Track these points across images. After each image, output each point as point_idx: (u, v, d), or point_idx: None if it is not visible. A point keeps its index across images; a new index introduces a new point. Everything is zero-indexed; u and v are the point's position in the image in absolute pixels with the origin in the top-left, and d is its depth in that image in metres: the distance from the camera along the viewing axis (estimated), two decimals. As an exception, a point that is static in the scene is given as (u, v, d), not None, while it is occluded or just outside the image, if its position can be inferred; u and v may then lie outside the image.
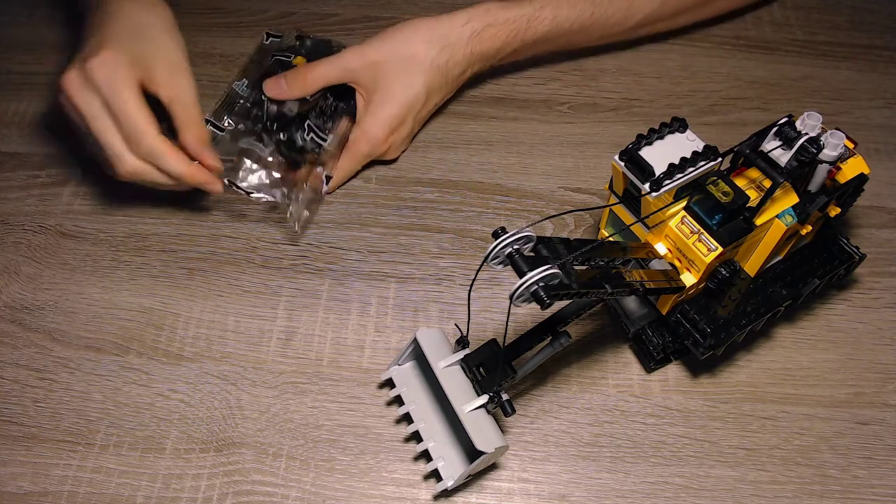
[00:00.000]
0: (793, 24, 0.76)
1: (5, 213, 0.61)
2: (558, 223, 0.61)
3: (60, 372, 0.53)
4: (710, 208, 0.43)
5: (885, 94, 0.71)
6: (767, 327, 0.54)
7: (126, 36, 0.51)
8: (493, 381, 0.44)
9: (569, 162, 0.65)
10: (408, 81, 0.59)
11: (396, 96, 0.59)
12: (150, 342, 0.54)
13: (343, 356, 0.54)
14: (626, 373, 0.53)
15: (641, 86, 0.71)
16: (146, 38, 0.52)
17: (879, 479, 0.49)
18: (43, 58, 0.72)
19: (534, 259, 0.37)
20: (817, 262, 0.51)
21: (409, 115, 0.61)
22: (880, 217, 0.62)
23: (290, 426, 0.51)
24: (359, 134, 0.60)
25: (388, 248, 0.59)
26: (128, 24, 0.52)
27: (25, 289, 0.57)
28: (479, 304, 0.56)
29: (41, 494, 0.48)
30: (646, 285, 0.42)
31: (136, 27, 0.52)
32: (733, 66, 0.72)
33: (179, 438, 0.50)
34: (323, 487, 0.48)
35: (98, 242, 0.59)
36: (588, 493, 0.48)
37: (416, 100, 0.60)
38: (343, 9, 0.77)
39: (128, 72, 0.49)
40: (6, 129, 0.67)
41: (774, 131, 0.44)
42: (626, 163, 0.44)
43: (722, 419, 0.51)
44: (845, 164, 0.47)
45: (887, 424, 0.51)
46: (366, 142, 0.60)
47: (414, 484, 0.49)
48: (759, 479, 0.49)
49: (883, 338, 0.55)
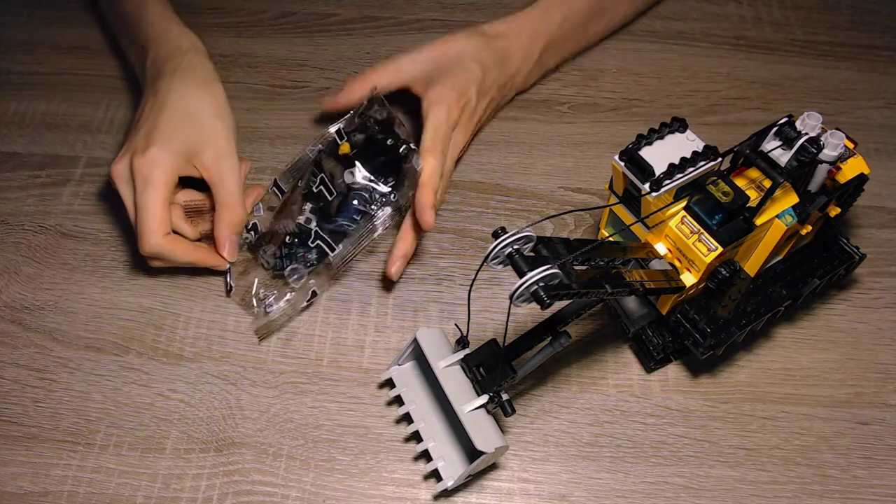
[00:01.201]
0: (793, 24, 0.76)
1: (5, 213, 0.61)
2: (558, 223, 0.61)
3: (60, 372, 0.53)
4: (710, 208, 0.43)
5: (885, 94, 0.71)
6: (767, 327, 0.54)
7: (176, 124, 0.54)
8: (493, 381, 0.44)
9: (569, 162, 0.65)
10: (462, 66, 0.60)
11: (453, 74, 0.59)
12: (150, 342, 0.54)
13: (343, 356, 0.54)
14: (626, 373, 0.53)
15: (641, 86, 0.71)
16: (195, 124, 0.55)
17: (879, 479, 0.49)
18: (43, 58, 0.72)
19: (534, 259, 0.37)
20: (817, 262, 0.51)
21: (470, 84, 0.59)
22: (880, 217, 0.62)
23: (290, 426, 0.51)
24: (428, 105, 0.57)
25: (388, 248, 0.59)
26: (179, 111, 0.55)
27: (25, 289, 0.57)
28: (479, 304, 0.56)
29: (41, 494, 0.48)
30: (646, 285, 0.42)
31: (186, 114, 0.55)
32: (733, 66, 0.72)
33: (179, 438, 0.50)
34: (323, 487, 0.48)
35: (98, 242, 0.59)
36: (588, 493, 0.48)
37: (473, 73, 0.60)
38: (343, 9, 0.77)
39: (167, 170, 0.52)
40: (6, 129, 0.67)
41: (774, 131, 0.44)
42: (626, 163, 0.44)
43: (722, 419, 0.51)
44: (845, 164, 0.47)
45: (887, 424, 0.51)
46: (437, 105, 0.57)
47: (414, 484, 0.49)
48: (759, 479, 0.49)
49: (883, 338, 0.55)
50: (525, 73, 0.66)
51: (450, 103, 0.57)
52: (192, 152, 0.54)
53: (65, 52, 0.73)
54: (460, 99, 0.58)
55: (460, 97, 0.58)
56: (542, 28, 0.66)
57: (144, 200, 0.52)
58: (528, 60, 0.65)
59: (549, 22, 0.66)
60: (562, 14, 0.66)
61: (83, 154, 0.65)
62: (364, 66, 0.72)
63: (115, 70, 0.71)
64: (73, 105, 0.68)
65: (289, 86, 0.70)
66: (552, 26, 0.66)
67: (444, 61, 0.60)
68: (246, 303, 0.55)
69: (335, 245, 0.54)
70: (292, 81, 0.71)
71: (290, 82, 0.71)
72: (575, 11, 0.67)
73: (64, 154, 0.65)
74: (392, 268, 0.55)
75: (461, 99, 0.58)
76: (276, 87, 0.70)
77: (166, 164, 0.52)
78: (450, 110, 0.57)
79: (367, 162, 0.55)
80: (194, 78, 0.57)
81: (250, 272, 0.56)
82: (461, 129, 0.59)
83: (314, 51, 0.73)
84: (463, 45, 0.61)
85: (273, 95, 0.70)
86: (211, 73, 0.58)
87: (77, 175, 0.63)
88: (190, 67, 0.58)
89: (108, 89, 0.70)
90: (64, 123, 0.67)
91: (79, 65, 0.72)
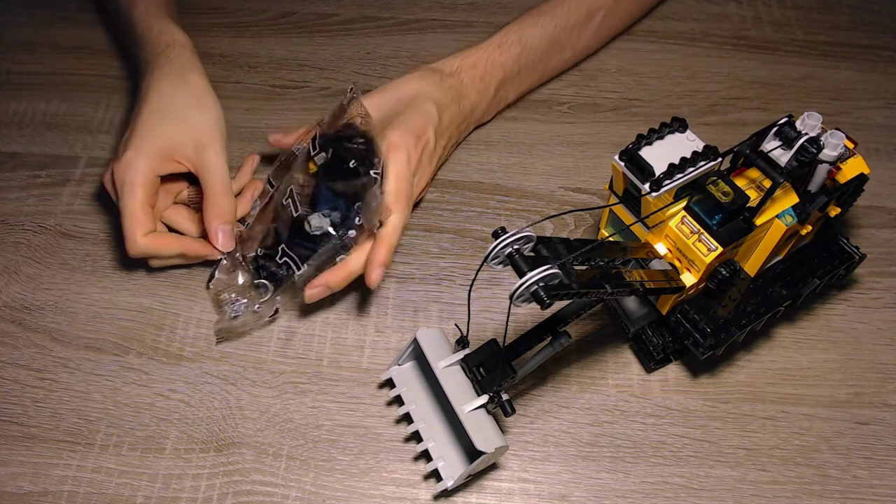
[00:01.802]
0: (793, 24, 0.76)
1: (5, 213, 0.61)
2: (558, 223, 0.61)
3: (60, 372, 0.53)
4: (710, 208, 0.43)
5: (885, 94, 0.71)
6: (767, 327, 0.54)
7: (153, 124, 0.54)
8: (493, 381, 0.44)
9: (569, 162, 0.65)
10: (418, 107, 0.58)
11: (410, 116, 0.57)
12: (150, 342, 0.54)
13: (343, 356, 0.54)
14: (626, 373, 0.53)
15: (641, 86, 0.71)
16: (173, 119, 0.55)
17: (879, 479, 0.49)
18: (43, 58, 0.72)
19: (534, 259, 0.37)
20: (817, 262, 0.51)
21: (427, 126, 0.57)
22: (880, 217, 0.62)
23: (290, 426, 0.51)
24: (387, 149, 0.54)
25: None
26: (156, 108, 0.55)
27: (25, 289, 0.57)
28: (479, 304, 0.56)
29: (41, 494, 0.48)
30: (646, 285, 0.42)
31: (163, 111, 0.55)
32: (733, 66, 0.72)
33: (179, 438, 0.50)
34: (323, 487, 0.48)
35: (98, 242, 0.59)
36: (588, 493, 0.48)
37: (429, 114, 0.58)
38: (343, 9, 0.77)
39: (143, 172, 0.53)
40: (6, 129, 0.67)
41: (774, 131, 0.44)
42: (626, 163, 0.44)
43: (722, 419, 0.51)
44: (845, 164, 0.47)
45: (887, 424, 0.51)
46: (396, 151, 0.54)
47: (414, 484, 0.49)
48: (759, 479, 0.49)
49: (883, 338, 0.55)
50: (483, 108, 0.65)
51: (409, 148, 0.54)
52: (172, 149, 0.54)
53: (65, 52, 0.73)
54: (418, 142, 0.56)
55: (418, 140, 0.56)
56: (498, 62, 0.64)
57: (123, 205, 0.53)
58: (484, 96, 0.64)
59: (504, 56, 0.64)
60: (519, 47, 0.65)
61: (83, 154, 0.65)
62: (364, 66, 0.72)
63: (115, 70, 0.71)
64: (73, 105, 0.69)
65: (289, 86, 0.70)
66: (508, 61, 0.64)
67: (399, 104, 0.58)
68: (217, 301, 0.55)
69: (301, 264, 0.53)
70: (292, 81, 0.71)
71: (290, 82, 0.71)
72: (531, 47, 0.65)
73: (64, 154, 0.65)
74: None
75: (419, 142, 0.56)
76: (276, 87, 0.70)
77: (142, 167, 0.52)
78: (409, 156, 0.54)
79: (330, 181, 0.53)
80: (169, 73, 0.56)
81: (234, 270, 0.55)
82: (422, 172, 0.57)
83: (314, 51, 0.73)
84: (416, 85, 0.59)
85: (273, 95, 0.70)
86: (188, 65, 0.57)
87: (77, 175, 0.63)
88: (167, 63, 0.57)
89: (108, 89, 0.70)
90: (64, 123, 0.67)
91: (79, 65, 0.72)
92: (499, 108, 0.68)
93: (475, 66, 0.63)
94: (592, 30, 0.70)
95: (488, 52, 0.64)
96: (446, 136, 0.60)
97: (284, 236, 0.54)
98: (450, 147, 0.63)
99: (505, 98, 0.67)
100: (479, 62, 0.63)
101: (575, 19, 0.68)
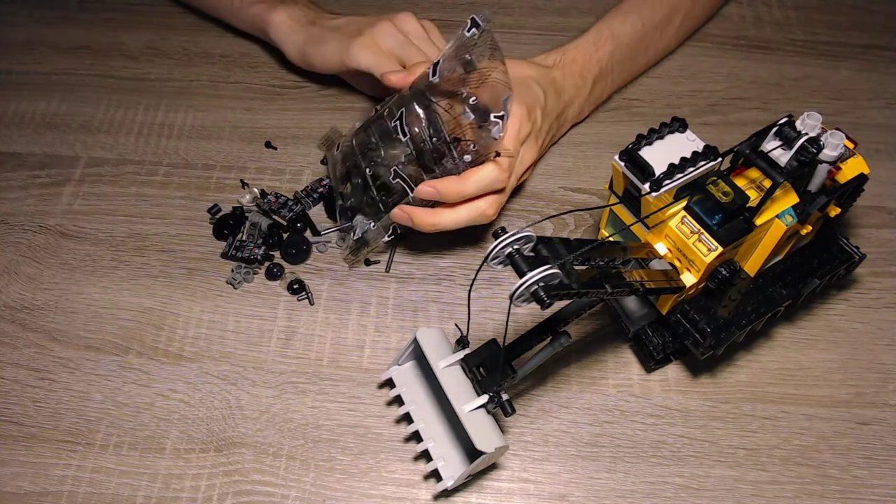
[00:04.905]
0: (793, 24, 0.76)
1: (5, 213, 0.61)
2: (558, 223, 0.61)
3: (60, 372, 0.53)
4: (710, 208, 0.43)
5: (885, 94, 0.71)
6: (767, 327, 0.54)
7: None
8: (493, 381, 0.44)
9: (569, 162, 0.65)
10: (526, 86, 0.58)
11: (520, 92, 0.57)
12: (150, 342, 0.54)
13: (343, 356, 0.54)
14: (626, 373, 0.53)
15: (641, 86, 0.71)
16: None
17: (879, 479, 0.49)
18: (43, 58, 0.72)
19: (534, 259, 0.37)
20: (817, 262, 0.51)
21: (536, 104, 0.58)
22: (880, 217, 0.62)
23: (290, 426, 0.51)
24: None
25: (392, 248, 0.59)
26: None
27: (25, 289, 0.57)
28: (479, 304, 0.56)
29: (41, 494, 0.48)
30: (646, 285, 0.42)
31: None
32: (733, 66, 0.72)
33: (179, 438, 0.50)
34: (323, 487, 0.48)
35: (98, 242, 0.59)
36: (588, 493, 0.48)
37: (537, 94, 0.58)
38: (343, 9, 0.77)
39: None
40: (6, 129, 0.67)
41: (774, 131, 0.44)
42: (626, 163, 0.44)
43: (722, 419, 0.51)
44: (845, 164, 0.47)
45: (887, 424, 0.51)
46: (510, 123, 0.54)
47: (414, 484, 0.49)
48: (759, 479, 0.49)
49: (883, 338, 0.55)
50: (578, 105, 0.65)
51: (521, 118, 0.55)
52: None
53: (65, 52, 0.73)
54: (530, 115, 0.57)
55: (530, 113, 0.56)
56: (594, 58, 0.64)
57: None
58: (581, 91, 0.64)
59: (600, 52, 0.65)
60: (613, 44, 0.65)
61: (83, 154, 0.65)
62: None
63: (115, 70, 0.71)
64: (73, 105, 0.69)
65: (289, 86, 0.70)
66: (603, 57, 0.65)
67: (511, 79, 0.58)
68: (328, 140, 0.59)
69: (413, 185, 0.53)
70: (292, 81, 0.71)
71: (290, 82, 0.71)
72: (623, 44, 0.66)
73: (64, 154, 0.65)
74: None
75: (529, 116, 0.56)
76: (276, 87, 0.70)
77: None
78: (521, 125, 0.55)
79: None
80: None
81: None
82: (528, 147, 0.57)
83: (314, 51, 0.73)
84: (524, 70, 0.60)
85: (273, 95, 0.70)
86: None
87: (77, 175, 0.63)
88: None
89: (108, 89, 0.70)
90: (64, 123, 0.67)
91: (79, 65, 0.72)
92: (594, 105, 0.68)
93: (574, 62, 0.64)
94: (673, 29, 0.71)
95: (585, 48, 0.64)
96: (548, 121, 0.61)
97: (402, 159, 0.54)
98: (549, 138, 0.63)
99: (600, 95, 0.68)
100: (578, 57, 0.64)
101: (659, 18, 0.69)
